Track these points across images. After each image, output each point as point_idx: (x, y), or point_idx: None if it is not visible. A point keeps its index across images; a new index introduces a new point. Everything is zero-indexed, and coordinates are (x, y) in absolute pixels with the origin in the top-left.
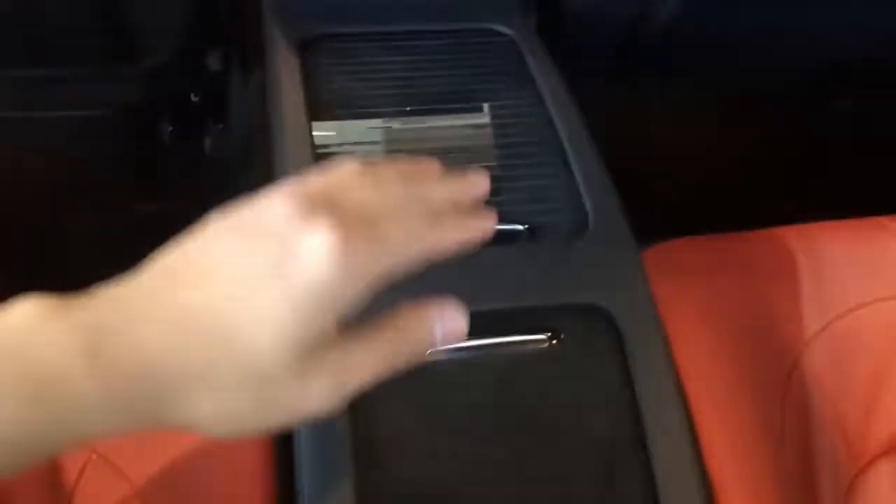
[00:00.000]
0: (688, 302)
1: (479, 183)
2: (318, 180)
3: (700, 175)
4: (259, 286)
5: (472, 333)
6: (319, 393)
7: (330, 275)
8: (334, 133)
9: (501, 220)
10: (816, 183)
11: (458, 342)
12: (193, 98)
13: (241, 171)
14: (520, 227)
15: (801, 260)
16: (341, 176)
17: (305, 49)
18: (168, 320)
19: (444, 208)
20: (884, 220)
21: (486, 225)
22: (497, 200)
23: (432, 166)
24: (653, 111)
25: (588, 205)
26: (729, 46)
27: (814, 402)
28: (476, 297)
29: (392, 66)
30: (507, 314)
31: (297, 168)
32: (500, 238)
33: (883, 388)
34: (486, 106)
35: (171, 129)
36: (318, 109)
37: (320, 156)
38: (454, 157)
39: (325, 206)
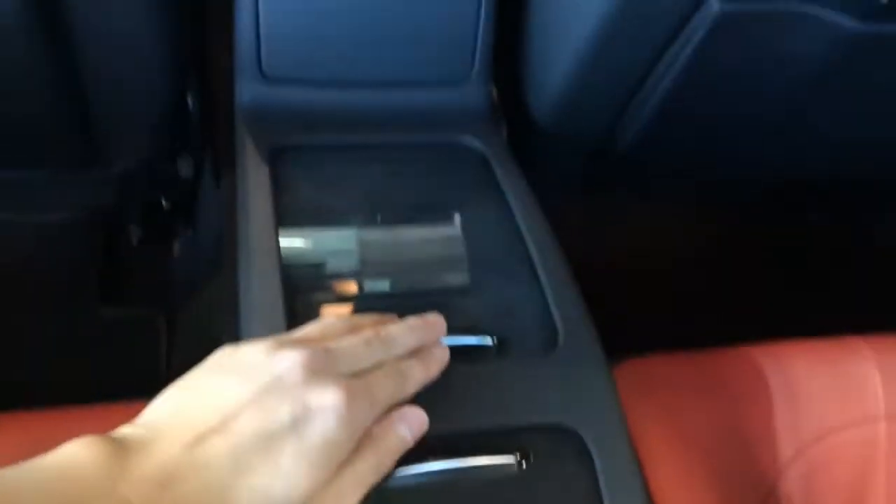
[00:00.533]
0: (660, 421)
1: (438, 326)
2: (313, 331)
3: (673, 287)
4: (277, 442)
5: (439, 455)
6: None
7: (339, 432)
8: (303, 243)
9: (470, 332)
10: (791, 295)
11: (424, 431)
12: (164, 203)
13: (208, 277)
14: (489, 339)
15: (773, 381)
16: (332, 329)
17: (276, 158)
18: (200, 476)
19: (411, 357)
20: (855, 340)
21: (445, 359)
22: (466, 313)
23: (393, 318)
24: (624, 224)
25: (557, 319)
26: (699, 163)
27: None
28: (442, 417)
29: (362, 178)
30: (474, 435)
31: (263, 277)
32: (468, 353)
33: None
34: (456, 217)
35: (140, 234)
36: (287, 219)
37: (287, 266)
38: (425, 269)
39: (328, 363)
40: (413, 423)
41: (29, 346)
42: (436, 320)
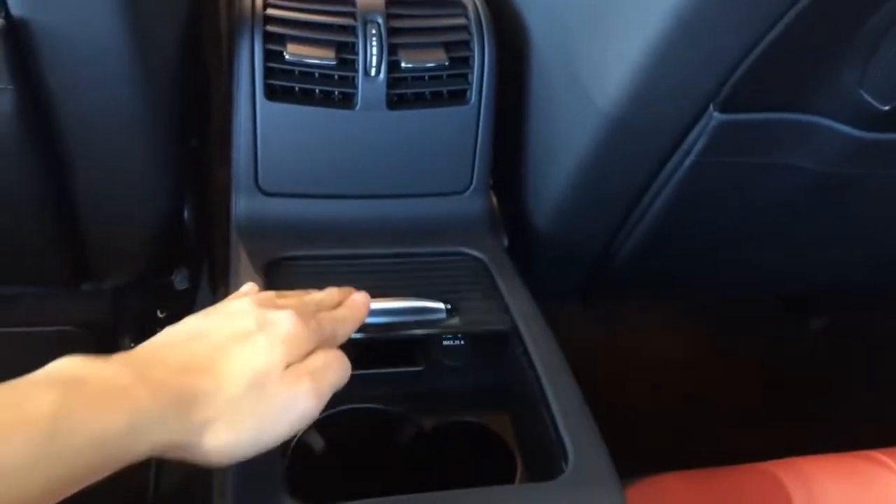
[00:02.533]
0: None
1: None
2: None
3: (678, 403)
4: (252, 336)
5: None
6: (306, 393)
7: (297, 328)
8: None
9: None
10: (798, 408)
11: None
12: (160, 315)
13: None
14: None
15: (797, 499)
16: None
17: (271, 270)
18: (183, 359)
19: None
20: (879, 455)
21: (367, 303)
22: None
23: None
24: (627, 330)
25: (566, 440)
26: (699, 274)
27: None
28: None
29: (359, 287)
30: None
31: None
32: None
33: None
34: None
35: (133, 345)
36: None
37: None
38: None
39: (278, 304)
40: (355, 305)
41: None
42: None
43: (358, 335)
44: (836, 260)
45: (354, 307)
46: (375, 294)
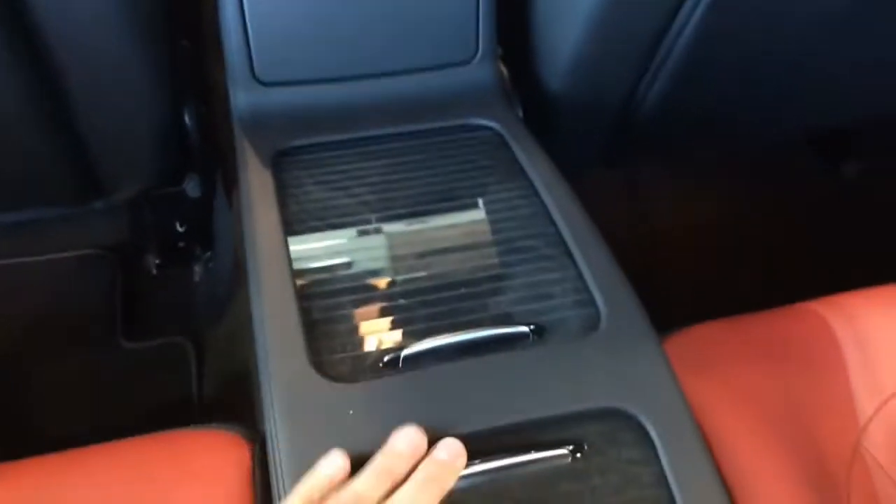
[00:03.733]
0: (720, 395)
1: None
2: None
3: (708, 254)
4: None
5: (485, 455)
6: None
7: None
8: (314, 247)
9: (505, 323)
10: (826, 253)
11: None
12: (179, 228)
13: (231, 296)
14: (525, 328)
15: (840, 334)
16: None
17: (278, 162)
18: None
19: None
20: None
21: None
22: (499, 301)
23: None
24: (653, 191)
25: (598, 298)
26: (724, 119)
27: (883, 493)
28: (485, 412)
29: (372, 172)
30: (521, 428)
31: (272, 285)
32: (505, 343)
33: None
34: (480, 201)
35: (157, 261)
36: (295, 223)
37: (297, 273)
38: (452, 258)
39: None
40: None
41: (55, 389)
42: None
43: None
44: (870, 88)
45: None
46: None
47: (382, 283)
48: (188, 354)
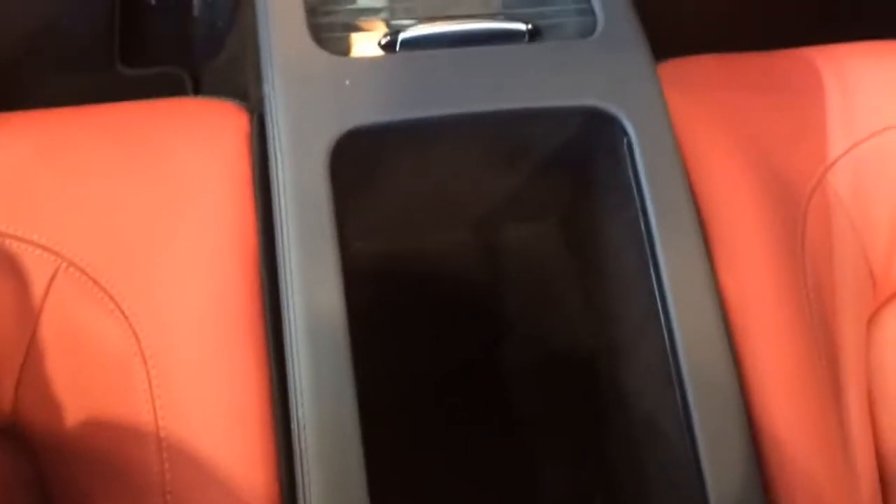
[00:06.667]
0: (701, 115)
1: None
2: None
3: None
4: None
5: None
6: None
7: None
8: None
9: (502, 19)
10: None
11: None
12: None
13: (228, 31)
14: (522, 25)
15: (827, 79)
16: None
17: None
18: None
19: None
20: None
21: None
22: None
23: None
24: None
25: (597, 6)
26: None
27: (836, 227)
28: (474, 97)
29: None
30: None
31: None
32: (502, 38)
33: None
34: None
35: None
36: None
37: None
38: None
39: None
40: None
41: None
42: None
43: None
44: None
45: None
46: None
47: None
48: (185, 84)
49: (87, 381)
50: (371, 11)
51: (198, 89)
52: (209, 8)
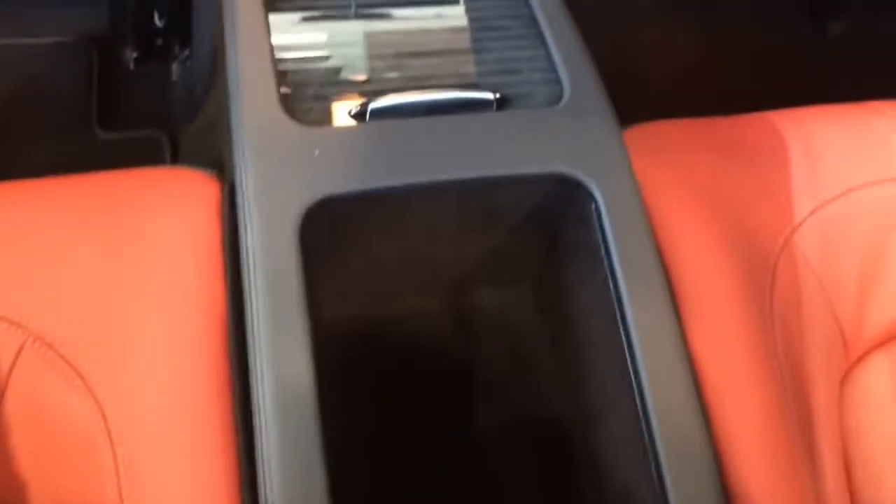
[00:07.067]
0: (667, 178)
1: None
2: None
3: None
4: None
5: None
6: None
7: None
8: (292, 17)
9: (470, 88)
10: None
11: None
12: (158, 21)
13: (206, 95)
14: (490, 95)
15: (792, 141)
16: None
17: None
18: None
19: None
20: (879, 104)
21: None
22: (468, 71)
23: None
24: (637, 42)
25: (563, 76)
26: None
27: (805, 288)
28: (444, 165)
29: None
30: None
31: (249, 41)
32: (470, 107)
33: (876, 278)
34: None
35: (135, 55)
36: (277, 11)
37: (279, 61)
38: (425, 34)
39: None
40: None
41: (27, 172)
42: None
43: None
44: None
45: None
46: None
47: (356, 48)
48: (163, 147)
49: (52, 457)
50: (341, 82)
51: (176, 153)
52: (187, 73)
